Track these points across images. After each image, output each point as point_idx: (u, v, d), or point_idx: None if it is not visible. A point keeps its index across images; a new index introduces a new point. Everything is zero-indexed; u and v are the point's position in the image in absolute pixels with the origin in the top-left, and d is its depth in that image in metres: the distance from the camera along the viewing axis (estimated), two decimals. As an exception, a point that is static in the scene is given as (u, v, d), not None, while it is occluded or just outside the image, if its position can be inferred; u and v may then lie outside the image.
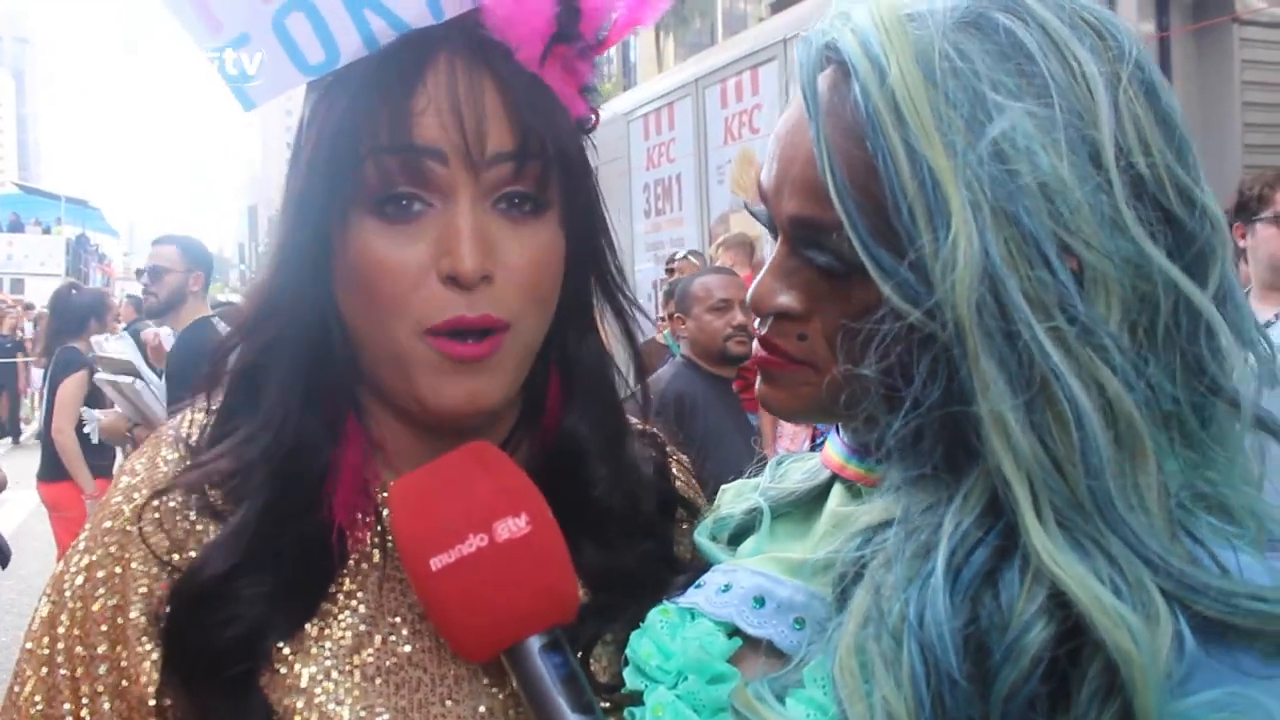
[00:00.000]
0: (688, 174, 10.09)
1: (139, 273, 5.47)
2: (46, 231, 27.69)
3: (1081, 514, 0.72)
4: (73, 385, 6.47)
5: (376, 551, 1.01)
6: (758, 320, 0.93)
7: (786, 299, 0.89)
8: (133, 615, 0.97)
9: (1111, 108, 0.77)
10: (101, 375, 5.58)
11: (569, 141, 0.99)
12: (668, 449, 1.22)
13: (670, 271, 7.97)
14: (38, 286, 22.00)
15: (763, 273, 0.91)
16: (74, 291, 7.52)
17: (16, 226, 26.64)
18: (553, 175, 0.97)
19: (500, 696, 0.99)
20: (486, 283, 0.94)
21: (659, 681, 0.92)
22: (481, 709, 0.98)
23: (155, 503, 1.00)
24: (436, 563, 0.88)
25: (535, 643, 0.88)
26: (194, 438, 1.05)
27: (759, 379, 0.94)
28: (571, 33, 0.98)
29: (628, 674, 0.95)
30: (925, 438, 0.78)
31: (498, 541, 0.88)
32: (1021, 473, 0.73)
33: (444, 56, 0.94)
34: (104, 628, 0.97)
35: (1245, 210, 3.64)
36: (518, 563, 0.88)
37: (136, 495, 1.01)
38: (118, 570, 0.98)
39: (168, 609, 0.96)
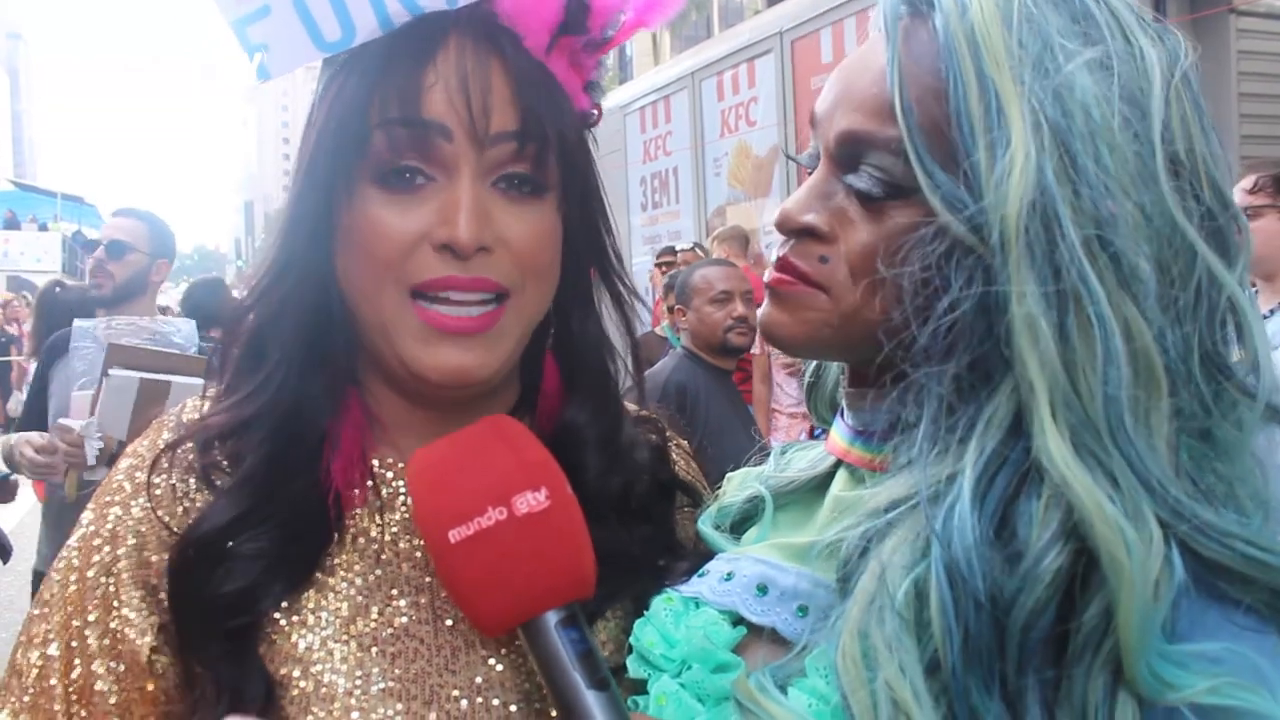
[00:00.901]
0: (684, 167, 10.09)
1: (86, 246, 4.36)
2: (43, 228, 27.60)
3: (1093, 433, 0.75)
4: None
5: (374, 526, 1.03)
6: (779, 243, 0.94)
7: (814, 217, 0.90)
8: (128, 582, 0.99)
9: (1163, 93, 0.82)
10: (124, 374, 3.46)
11: (570, 128, 1.02)
12: (668, 433, 1.23)
13: (660, 265, 7.96)
14: (36, 284, 21.92)
15: (798, 192, 0.93)
16: (58, 289, 7.47)
17: (12, 224, 26.55)
18: (551, 159, 1.00)
19: (497, 668, 1.00)
20: (484, 254, 0.96)
21: (663, 670, 0.93)
22: (478, 680, 0.99)
23: (156, 479, 1.02)
24: (455, 535, 0.87)
25: (552, 617, 0.88)
26: (195, 422, 1.07)
27: (765, 302, 0.94)
28: (579, 25, 1.01)
29: (631, 662, 0.95)
30: (957, 344, 0.80)
31: (517, 515, 0.88)
32: (1045, 380, 0.75)
33: (455, 37, 0.97)
34: (99, 594, 0.99)
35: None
36: (536, 537, 0.88)
37: (139, 475, 1.03)
38: (115, 543, 1.00)
39: (169, 569, 0.98)
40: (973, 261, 0.80)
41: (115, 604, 0.99)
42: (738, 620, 0.93)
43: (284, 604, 0.98)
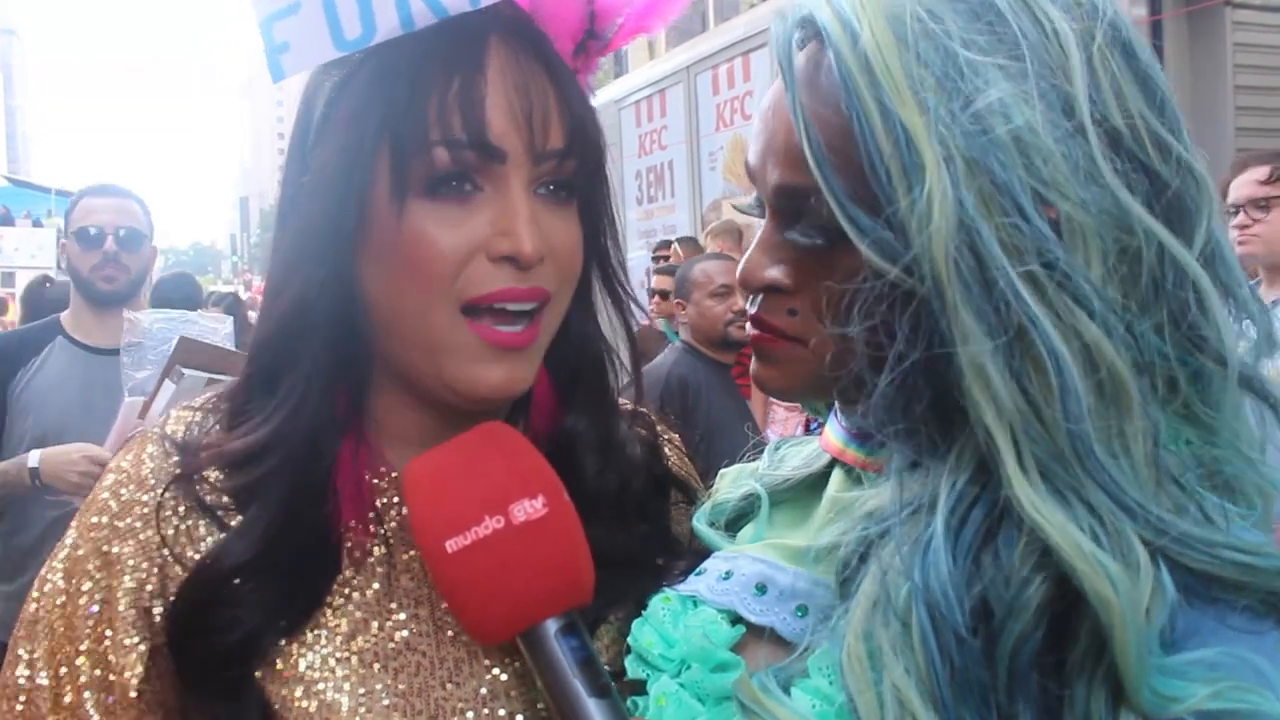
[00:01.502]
0: (680, 161, 10.07)
1: (80, 234, 3.42)
2: (37, 224, 27.51)
3: (1062, 463, 0.73)
4: None
5: (369, 539, 1.01)
6: (749, 300, 0.93)
7: (774, 273, 0.89)
8: (120, 609, 0.96)
9: (1085, 63, 0.78)
10: (195, 374, 2.82)
11: (602, 138, 1.02)
12: (659, 429, 1.22)
13: (657, 259, 7.94)
14: (28, 279, 21.87)
15: (750, 249, 0.92)
16: (47, 285, 7.43)
17: (6, 220, 26.44)
18: (582, 168, 0.99)
19: (502, 678, 0.99)
20: (539, 263, 0.95)
21: (662, 670, 0.92)
22: (483, 691, 0.98)
23: (144, 496, 0.99)
24: (452, 545, 0.87)
25: (552, 625, 0.88)
26: (180, 435, 1.04)
27: (753, 359, 0.94)
28: (599, 30, 1.01)
29: (630, 663, 0.94)
30: (913, 395, 0.78)
31: (514, 523, 0.87)
32: (1003, 422, 0.73)
33: (496, 41, 0.95)
34: (89, 623, 0.97)
35: (1223, 198, 3.67)
36: (534, 545, 0.88)
37: (124, 491, 1.00)
38: (104, 565, 0.98)
39: (173, 605, 0.95)
40: (916, 307, 0.77)
41: (108, 631, 0.96)
42: (736, 619, 0.92)
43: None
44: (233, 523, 0.98)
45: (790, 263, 0.88)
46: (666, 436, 1.24)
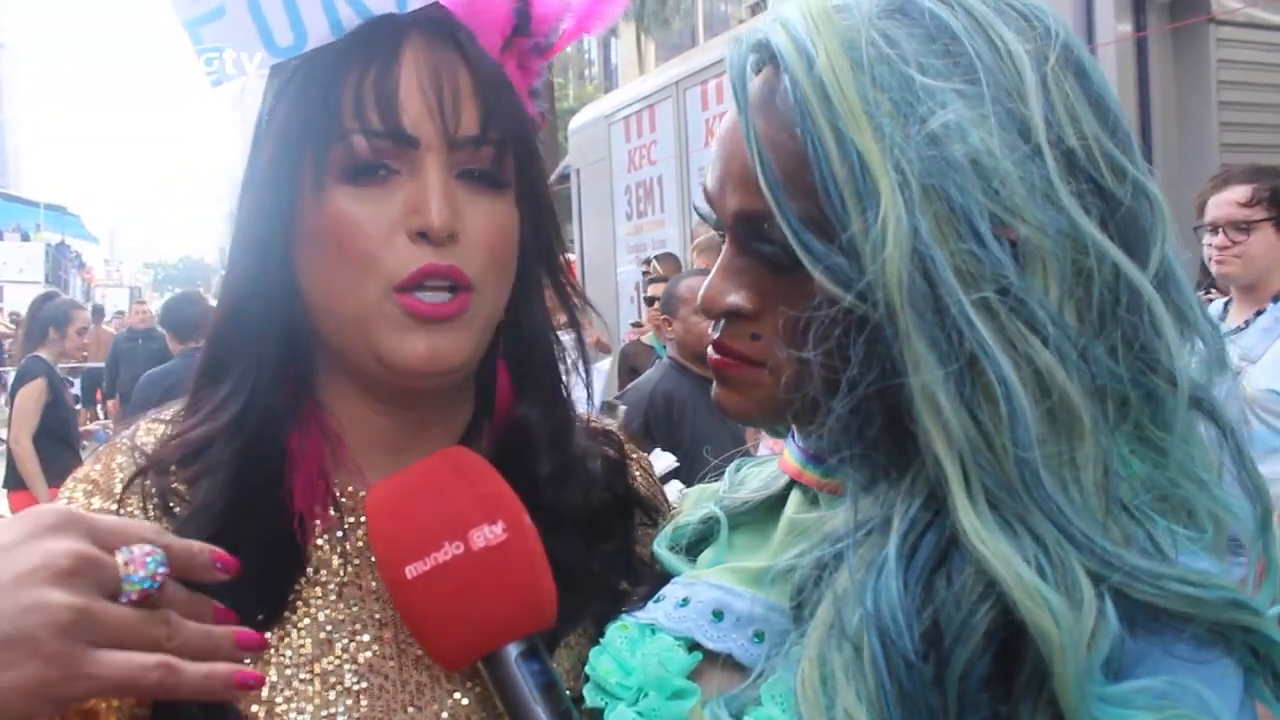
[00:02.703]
0: (669, 176, 10.08)
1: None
2: (25, 238, 27.44)
3: (1010, 492, 0.73)
4: (28, 394, 6.42)
5: (335, 558, 1.02)
6: (712, 325, 0.93)
7: (736, 298, 0.89)
8: None
9: (1039, 85, 0.78)
10: None
11: (527, 128, 1.04)
12: (628, 449, 1.22)
13: (647, 275, 7.95)
14: (16, 294, 21.82)
15: (712, 275, 0.91)
16: (46, 301, 7.44)
17: (-4, 234, 26.38)
18: (508, 158, 1.01)
19: (464, 702, 0.99)
20: (452, 241, 0.97)
21: (619, 698, 0.92)
22: (444, 715, 0.98)
23: (112, 506, 1.00)
24: (412, 571, 0.88)
25: (513, 650, 0.89)
26: (149, 446, 1.05)
27: (715, 385, 0.94)
28: (526, 28, 1.04)
29: (588, 691, 0.94)
30: (866, 420, 0.78)
31: (473, 549, 0.88)
32: (953, 451, 0.73)
33: (416, 34, 0.98)
34: None
35: (1198, 213, 3.68)
36: (494, 571, 0.88)
37: (94, 501, 1.01)
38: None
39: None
40: (869, 333, 0.77)
41: None
42: (694, 646, 0.92)
43: None
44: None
45: (751, 288, 0.88)
46: (635, 457, 1.24)
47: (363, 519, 1.03)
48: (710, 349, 0.93)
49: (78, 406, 9.24)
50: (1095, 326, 0.77)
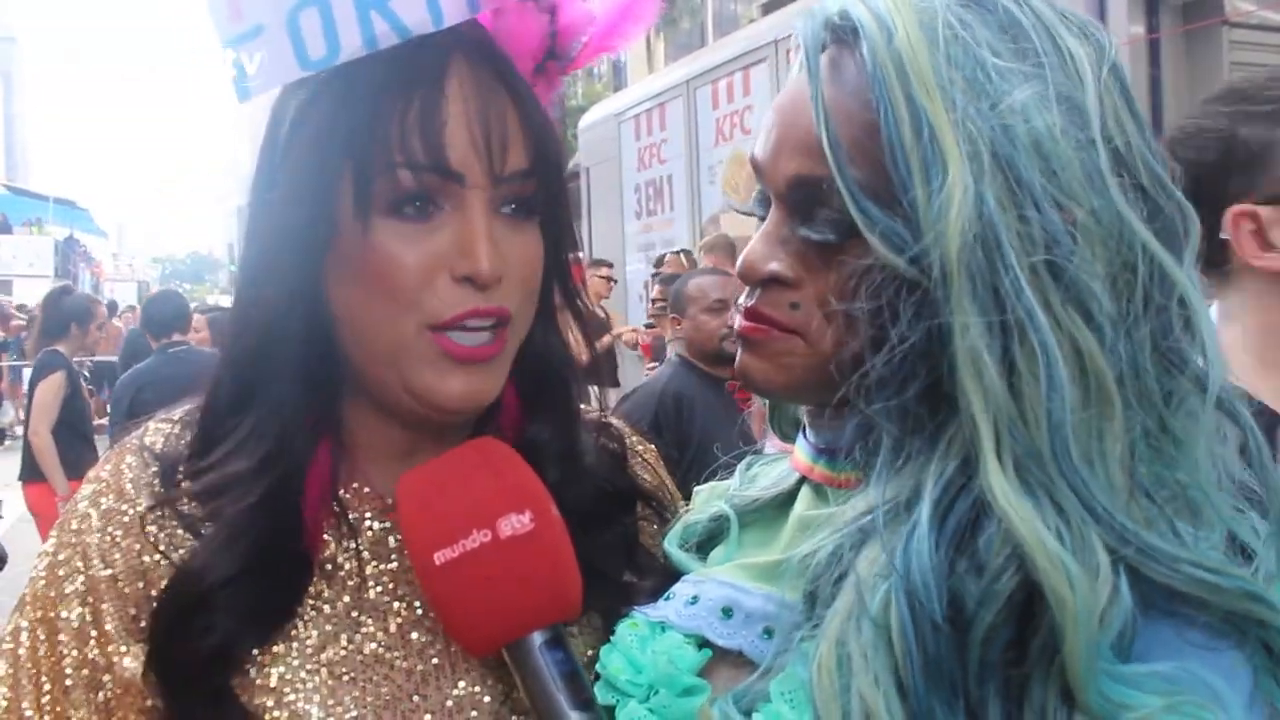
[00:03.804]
0: (679, 175, 10.09)
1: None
2: (40, 230, 27.52)
3: (1038, 462, 0.74)
4: (48, 387, 6.48)
5: (340, 551, 1.02)
6: (745, 293, 0.92)
7: (778, 265, 0.89)
8: (106, 623, 0.97)
9: (1096, 87, 0.81)
10: None
11: (563, 159, 1.04)
12: (628, 440, 1.22)
13: (657, 274, 7.96)
14: (26, 288, 21.92)
15: (753, 241, 0.91)
16: (65, 295, 7.51)
17: (5, 227, 26.49)
18: (543, 186, 1.01)
19: (470, 689, 1.00)
20: (496, 283, 0.96)
21: (630, 695, 0.92)
22: (449, 703, 0.99)
23: (123, 506, 1.00)
24: (440, 557, 0.89)
25: (537, 638, 0.90)
26: (158, 446, 1.05)
27: (740, 351, 0.93)
28: (560, 50, 1.03)
29: (598, 689, 0.95)
30: (909, 376, 0.80)
31: (501, 538, 0.89)
32: (988, 414, 0.75)
33: (458, 61, 0.96)
34: (75, 626, 0.98)
35: None
36: (521, 559, 0.89)
37: (104, 501, 1.01)
38: (86, 575, 0.98)
39: (154, 614, 0.96)
40: (919, 295, 0.79)
41: (94, 640, 0.97)
42: (704, 643, 0.92)
43: None
44: (205, 530, 0.99)
45: (795, 256, 0.88)
46: (640, 448, 1.24)
47: (368, 513, 1.04)
48: (740, 317, 0.92)
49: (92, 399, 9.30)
50: (1132, 320, 0.79)
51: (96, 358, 11.51)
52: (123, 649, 0.96)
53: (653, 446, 1.27)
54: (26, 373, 8.97)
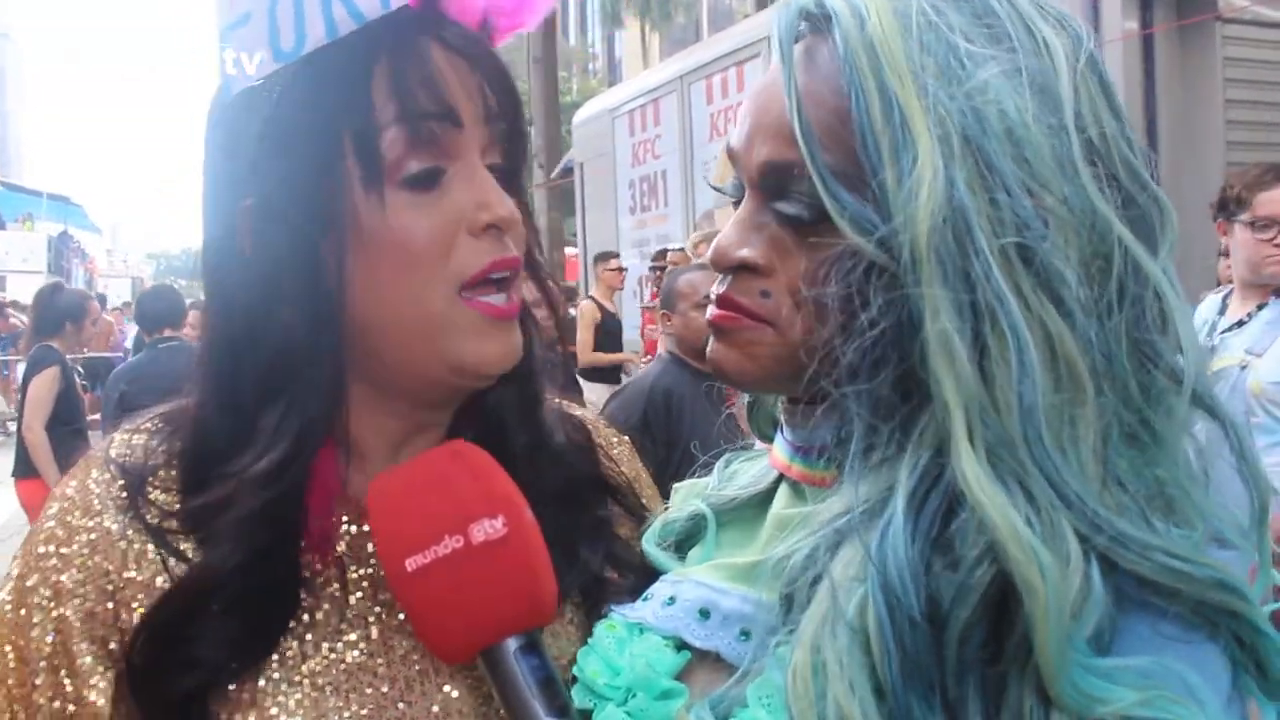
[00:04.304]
0: (673, 170, 10.09)
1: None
2: (31, 227, 27.50)
3: (1010, 448, 0.73)
4: (43, 383, 6.47)
5: (317, 560, 0.99)
6: (718, 280, 0.91)
7: (750, 251, 0.88)
8: (76, 639, 0.94)
9: (1071, 77, 0.80)
10: None
11: (522, 109, 1.05)
12: (595, 431, 1.21)
13: (654, 269, 7.97)
14: (19, 283, 21.91)
15: (726, 227, 0.91)
16: (57, 292, 7.49)
17: (-1, 223, 26.47)
18: (512, 135, 1.02)
19: (454, 694, 0.98)
20: (512, 227, 0.98)
21: (608, 699, 0.91)
22: (435, 708, 0.97)
23: (90, 523, 0.97)
24: (412, 563, 0.88)
25: (512, 644, 0.88)
26: (125, 458, 1.00)
27: (712, 340, 0.92)
28: (494, 25, 1.03)
29: (576, 692, 0.94)
30: (879, 361, 0.79)
31: (473, 543, 0.88)
32: (960, 399, 0.74)
33: (424, 29, 0.96)
34: (46, 652, 0.94)
35: (1226, 208, 3.61)
36: (494, 565, 0.88)
37: (70, 519, 0.97)
38: (54, 595, 0.95)
39: (132, 640, 0.93)
40: (888, 279, 0.78)
41: (64, 664, 0.94)
42: (682, 645, 0.91)
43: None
44: (184, 546, 0.96)
45: (766, 243, 0.87)
46: (615, 440, 1.23)
47: (345, 518, 1.01)
48: (712, 305, 0.91)
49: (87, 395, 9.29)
50: (1104, 308, 0.78)
51: (89, 354, 11.52)
52: (91, 681, 0.93)
53: (626, 439, 1.26)
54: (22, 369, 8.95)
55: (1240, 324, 3.46)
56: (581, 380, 8.17)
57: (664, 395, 4.26)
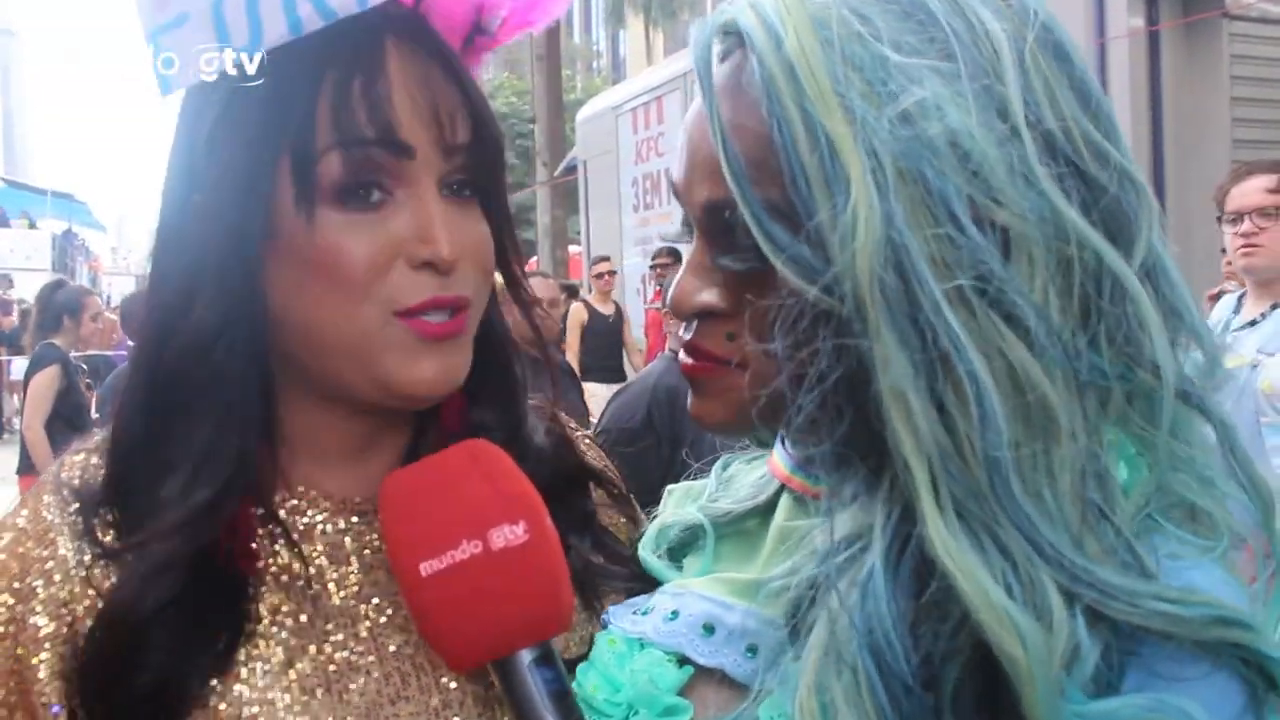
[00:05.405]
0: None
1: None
2: (32, 226, 27.55)
3: (979, 500, 0.68)
4: (43, 380, 6.48)
5: (295, 560, 0.97)
6: (683, 327, 0.87)
7: (708, 295, 0.83)
8: (39, 673, 0.91)
9: (1016, 64, 0.73)
10: None
11: (499, 132, 1.00)
12: (570, 425, 1.19)
13: (655, 268, 7.96)
14: (24, 281, 21.93)
15: (680, 273, 0.86)
16: (57, 289, 7.51)
17: (2, 221, 26.52)
18: (484, 163, 0.97)
19: (452, 685, 0.96)
20: (454, 268, 0.92)
21: (609, 716, 0.88)
22: (434, 702, 0.95)
23: (45, 553, 0.93)
24: (426, 568, 0.85)
25: (526, 656, 0.85)
26: (75, 480, 0.98)
27: (690, 395, 0.88)
28: (485, 24, 0.99)
29: None
30: (834, 417, 0.74)
31: (492, 550, 0.85)
32: (921, 455, 0.69)
33: (392, 41, 0.92)
34: (2, 690, 0.92)
35: (1219, 206, 3.62)
36: (512, 573, 0.85)
37: (22, 549, 0.95)
38: (12, 639, 0.92)
39: (80, 663, 0.90)
40: (837, 327, 0.72)
41: (21, 700, 0.91)
42: (684, 660, 0.88)
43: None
44: (131, 561, 0.93)
45: (723, 285, 0.82)
46: (582, 434, 1.21)
47: (318, 517, 0.99)
48: (682, 353, 0.87)
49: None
50: (1078, 319, 0.73)
51: (91, 352, 11.52)
52: (49, 709, 0.90)
53: (589, 434, 1.24)
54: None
55: (1253, 323, 3.44)
56: (583, 380, 8.17)
57: (667, 393, 4.24)
